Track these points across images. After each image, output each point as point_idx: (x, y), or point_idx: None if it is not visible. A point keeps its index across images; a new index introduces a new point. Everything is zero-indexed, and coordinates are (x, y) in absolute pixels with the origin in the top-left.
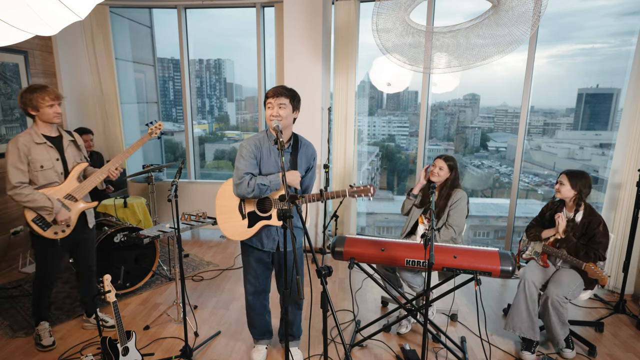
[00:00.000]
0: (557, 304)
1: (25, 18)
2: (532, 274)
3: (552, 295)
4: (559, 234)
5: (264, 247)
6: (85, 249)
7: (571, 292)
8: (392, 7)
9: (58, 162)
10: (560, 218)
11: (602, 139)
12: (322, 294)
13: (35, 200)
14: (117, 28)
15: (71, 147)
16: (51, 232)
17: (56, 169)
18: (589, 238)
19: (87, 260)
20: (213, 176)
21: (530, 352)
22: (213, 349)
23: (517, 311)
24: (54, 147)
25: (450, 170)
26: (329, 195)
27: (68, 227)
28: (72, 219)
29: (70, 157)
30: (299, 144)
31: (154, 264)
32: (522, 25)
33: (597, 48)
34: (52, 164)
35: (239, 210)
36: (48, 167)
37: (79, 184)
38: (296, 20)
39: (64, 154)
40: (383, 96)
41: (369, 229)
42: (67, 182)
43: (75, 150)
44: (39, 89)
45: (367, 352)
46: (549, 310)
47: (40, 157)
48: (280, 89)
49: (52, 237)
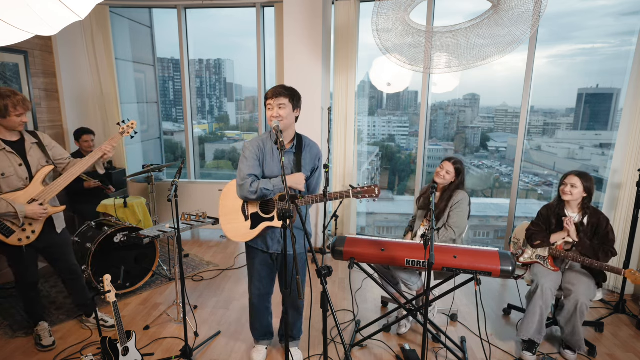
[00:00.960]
0: (584, 308)
1: (25, 18)
2: (547, 280)
3: (581, 299)
4: (569, 238)
5: (269, 249)
6: (60, 254)
7: (592, 294)
8: (392, 7)
9: (21, 167)
10: (569, 223)
11: (602, 139)
12: (322, 294)
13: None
14: (117, 28)
15: (34, 150)
16: (15, 238)
17: (19, 175)
18: (602, 237)
19: (66, 264)
20: (213, 176)
21: (532, 354)
22: (213, 349)
23: (533, 318)
24: (15, 152)
25: (457, 174)
26: (332, 196)
27: (33, 234)
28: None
29: (34, 160)
30: (303, 144)
31: (154, 264)
32: (522, 25)
33: (597, 48)
34: (14, 170)
35: (242, 211)
36: (10, 174)
37: (44, 188)
38: (296, 20)
39: (27, 157)
40: (383, 96)
41: (369, 229)
42: (31, 186)
43: (40, 152)
44: (11, 96)
45: (367, 352)
46: (576, 315)
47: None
48: (279, 89)
49: (17, 244)
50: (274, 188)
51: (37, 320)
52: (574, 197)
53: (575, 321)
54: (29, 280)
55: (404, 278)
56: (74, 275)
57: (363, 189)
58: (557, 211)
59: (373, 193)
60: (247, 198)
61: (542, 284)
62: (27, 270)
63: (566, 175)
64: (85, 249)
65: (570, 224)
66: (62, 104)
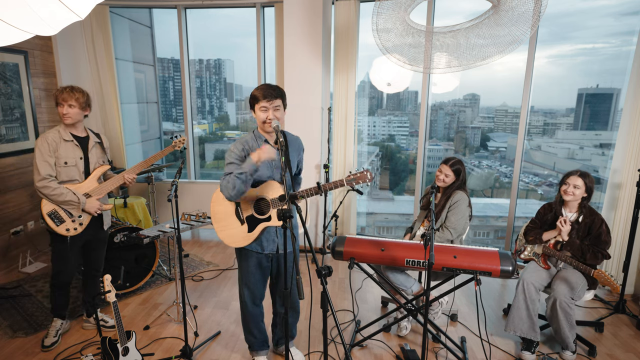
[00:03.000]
0: (565, 305)
1: (25, 18)
2: (530, 275)
3: (559, 297)
4: (560, 237)
5: (265, 250)
6: (97, 249)
7: (577, 292)
8: (392, 7)
9: (82, 160)
10: (564, 222)
11: (602, 139)
12: (322, 294)
13: (62, 194)
14: (117, 28)
15: (96, 148)
16: (63, 228)
17: (78, 167)
18: (594, 238)
19: (96, 260)
20: (213, 176)
21: (531, 352)
22: (213, 349)
23: (518, 312)
24: (80, 146)
25: (457, 176)
26: (327, 187)
27: (81, 226)
28: (85, 218)
29: (94, 158)
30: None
31: (154, 264)
32: (522, 25)
33: (597, 48)
34: (76, 161)
35: (237, 215)
36: (71, 164)
37: (98, 185)
38: (296, 20)
39: (88, 153)
40: (383, 96)
41: (369, 229)
42: (88, 181)
43: (100, 151)
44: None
45: (367, 352)
46: (557, 312)
47: (65, 153)
48: (272, 91)
49: (64, 233)
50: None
51: (55, 316)
52: (575, 197)
53: (558, 319)
54: (63, 277)
55: (399, 283)
56: (98, 273)
57: (356, 175)
58: (554, 209)
59: (366, 178)
60: (231, 197)
61: (524, 278)
62: (66, 266)
63: (568, 175)
64: None
65: (562, 223)
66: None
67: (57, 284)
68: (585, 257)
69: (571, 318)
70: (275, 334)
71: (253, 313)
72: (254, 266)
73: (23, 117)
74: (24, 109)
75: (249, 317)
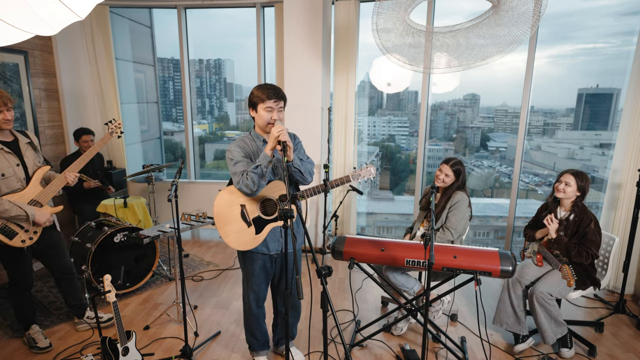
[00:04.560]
0: (541, 300)
1: (25, 18)
2: (518, 271)
3: (535, 292)
4: (549, 235)
5: (270, 250)
6: (57, 253)
7: (558, 290)
8: (392, 7)
9: (19, 167)
10: (550, 220)
11: (602, 139)
12: (322, 294)
13: (7, 210)
14: (117, 28)
15: (29, 150)
16: (18, 240)
17: (18, 176)
18: (581, 236)
19: (62, 262)
20: (213, 176)
21: (520, 342)
22: (213, 349)
23: (503, 306)
24: (12, 152)
25: (457, 176)
26: (333, 183)
27: (35, 234)
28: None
29: (30, 161)
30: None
31: (154, 264)
32: (522, 25)
33: (597, 48)
34: (13, 170)
35: (243, 218)
36: (9, 175)
37: (42, 189)
38: (296, 20)
39: (23, 158)
40: (383, 96)
41: (369, 229)
42: (30, 187)
43: (33, 152)
44: None
45: (367, 352)
46: (534, 306)
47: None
48: (277, 92)
49: (20, 245)
50: (261, 161)
51: (29, 324)
52: (566, 195)
53: (535, 313)
54: (23, 284)
55: (400, 284)
56: (69, 275)
57: (361, 169)
58: (549, 208)
59: (370, 173)
60: (252, 192)
61: None
62: (26, 272)
63: (562, 173)
64: (85, 249)
65: (549, 221)
66: (62, 104)
67: (18, 293)
68: (570, 254)
69: (552, 313)
70: (276, 333)
71: (257, 315)
72: (259, 268)
73: (23, 117)
74: (24, 109)
75: (252, 320)
